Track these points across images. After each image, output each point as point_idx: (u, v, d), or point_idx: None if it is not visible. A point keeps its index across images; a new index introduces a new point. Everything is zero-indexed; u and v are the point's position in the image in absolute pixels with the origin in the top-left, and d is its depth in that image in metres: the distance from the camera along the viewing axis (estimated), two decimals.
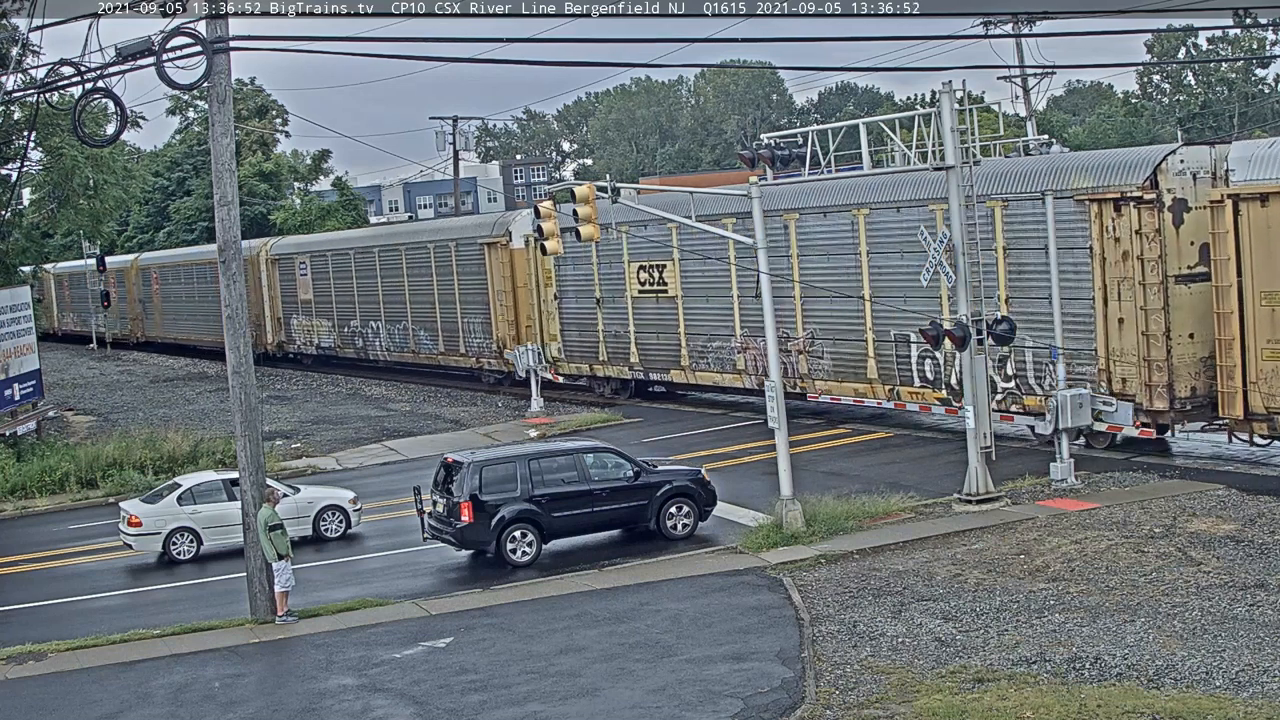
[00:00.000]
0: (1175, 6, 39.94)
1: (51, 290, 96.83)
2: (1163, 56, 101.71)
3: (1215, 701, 15.61)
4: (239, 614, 23.38)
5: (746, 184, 26.79)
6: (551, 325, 46.66)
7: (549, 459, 26.18)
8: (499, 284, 48.40)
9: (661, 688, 17.81)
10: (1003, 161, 33.79)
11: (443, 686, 18.68)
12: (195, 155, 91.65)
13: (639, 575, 23.78)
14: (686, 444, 35.92)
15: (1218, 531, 22.75)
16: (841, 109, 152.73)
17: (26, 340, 42.22)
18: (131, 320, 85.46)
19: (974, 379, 26.46)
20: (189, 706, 18.90)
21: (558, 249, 28.03)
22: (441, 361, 53.37)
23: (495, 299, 48.72)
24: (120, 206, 53.40)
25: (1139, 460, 28.98)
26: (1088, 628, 18.70)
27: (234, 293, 23.14)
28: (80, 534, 31.99)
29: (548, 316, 46.70)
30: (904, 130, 27.60)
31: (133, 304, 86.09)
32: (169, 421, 46.04)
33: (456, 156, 79.53)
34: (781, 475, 25.60)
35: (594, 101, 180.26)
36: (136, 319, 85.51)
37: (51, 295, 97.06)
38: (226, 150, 22.78)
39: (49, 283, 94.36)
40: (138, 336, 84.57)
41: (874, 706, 16.53)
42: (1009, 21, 53.68)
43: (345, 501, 29.44)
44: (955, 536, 24.19)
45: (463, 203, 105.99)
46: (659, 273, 42.03)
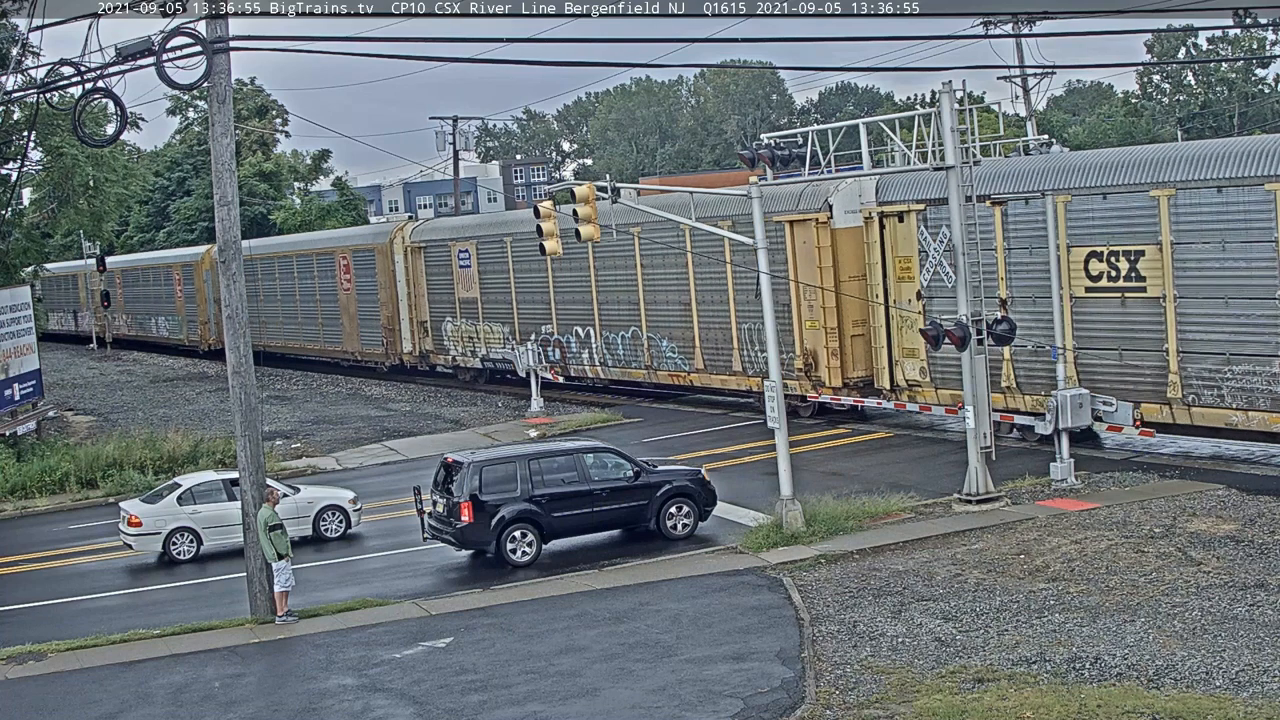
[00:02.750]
0: (1175, 6, 39.94)
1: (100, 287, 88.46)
2: (1163, 56, 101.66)
3: (1215, 701, 15.61)
4: (239, 614, 23.38)
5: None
6: (910, 336, 33.80)
7: (549, 459, 26.18)
8: (810, 275, 35.81)
9: (661, 688, 17.81)
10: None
11: (443, 686, 18.68)
12: (195, 155, 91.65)
13: (639, 575, 23.78)
14: (686, 444, 35.92)
15: (1218, 531, 22.75)
16: (841, 109, 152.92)
17: (26, 340, 42.23)
18: (201, 325, 72.72)
19: (974, 379, 26.46)
20: (189, 706, 18.90)
21: (557, 249, 28.01)
22: (697, 382, 41.18)
23: (800, 296, 36.56)
24: (121, 206, 53.36)
25: (1138, 460, 28.99)
26: (1088, 628, 18.70)
27: (234, 293, 23.14)
28: (80, 534, 31.99)
29: (903, 323, 33.98)
30: (904, 130, 27.60)
31: (204, 305, 72.50)
32: (169, 421, 46.06)
33: (456, 156, 79.51)
34: (781, 475, 25.59)
35: (594, 101, 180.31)
36: (208, 323, 71.97)
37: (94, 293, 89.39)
38: (226, 150, 22.79)
39: (98, 278, 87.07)
40: (209, 343, 71.64)
41: (874, 706, 16.53)
42: (1009, 21, 53.68)
43: (345, 501, 29.45)
44: (955, 536, 24.19)
45: (462, 203, 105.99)
46: (1131, 262, 28.89)
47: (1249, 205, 26.71)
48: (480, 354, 50.39)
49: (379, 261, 55.63)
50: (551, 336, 46.71)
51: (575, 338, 45.76)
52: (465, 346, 51.41)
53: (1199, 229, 27.55)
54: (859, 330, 35.71)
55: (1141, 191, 28.40)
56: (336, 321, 60.01)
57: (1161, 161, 28.62)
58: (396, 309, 54.95)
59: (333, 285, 60.06)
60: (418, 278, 53.82)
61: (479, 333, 50.74)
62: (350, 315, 58.69)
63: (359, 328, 58.14)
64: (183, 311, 76.73)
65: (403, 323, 54.87)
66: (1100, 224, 29.36)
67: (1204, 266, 27.60)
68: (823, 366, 35.93)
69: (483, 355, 50.23)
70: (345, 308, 58.99)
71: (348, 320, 58.97)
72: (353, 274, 58.01)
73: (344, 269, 58.81)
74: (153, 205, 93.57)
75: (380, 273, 55.55)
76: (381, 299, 55.66)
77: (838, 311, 35.70)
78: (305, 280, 62.80)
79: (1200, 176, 27.51)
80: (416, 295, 53.88)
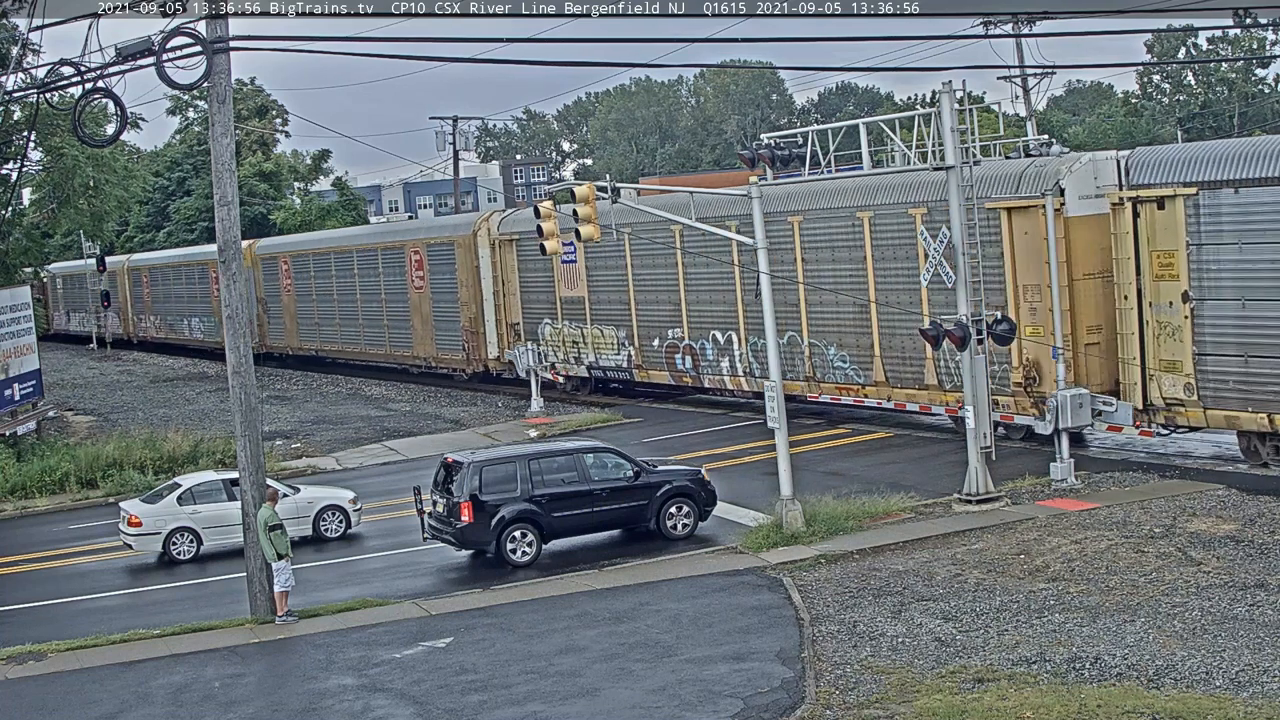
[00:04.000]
0: (1175, 6, 39.93)
1: (127, 287, 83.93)
2: (1163, 56, 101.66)
3: (1215, 701, 15.61)
4: (239, 614, 23.38)
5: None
6: (1170, 346, 27.87)
7: (549, 459, 26.18)
8: (1033, 271, 30.01)
9: (661, 688, 17.81)
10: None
11: (443, 686, 18.68)
12: (195, 155, 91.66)
13: (639, 575, 23.77)
14: (686, 444, 35.91)
15: (1218, 531, 22.75)
16: (841, 109, 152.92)
17: (26, 340, 42.24)
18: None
19: (974, 379, 26.46)
20: (189, 706, 18.90)
21: (557, 249, 28.01)
22: (873, 398, 34.69)
23: (1020, 298, 30.47)
24: (121, 206, 53.31)
25: (1138, 460, 28.99)
26: (1088, 628, 18.70)
27: (234, 293, 23.17)
28: (80, 534, 31.98)
29: (1161, 331, 28.04)
30: (904, 130, 27.60)
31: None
32: (169, 421, 46.05)
33: (456, 156, 79.52)
34: (781, 475, 25.59)
35: (594, 101, 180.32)
36: (249, 324, 72.99)
37: (126, 293, 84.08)
38: (226, 150, 22.79)
39: (123, 276, 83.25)
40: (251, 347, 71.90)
41: (874, 706, 16.53)
42: (1009, 21, 53.69)
43: (345, 501, 29.44)
44: (955, 536, 24.19)
45: (462, 203, 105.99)
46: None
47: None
48: (587, 361, 44.53)
49: (460, 256, 49.40)
50: (681, 341, 40.59)
51: (713, 343, 39.22)
52: (568, 352, 45.48)
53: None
54: (1093, 338, 29.78)
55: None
56: (405, 324, 54.06)
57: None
58: (480, 310, 48.87)
59: (401, 283, 53.97)
60: (508, 274, 47.88)
61: (586, 337, 44.50)
62: (423, 317, 52.67)
63: (434, 331, 52.08)
64: (220, 313, 74.40)
65: (488, 325, 48.76)
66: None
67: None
68: (1048, 380, 29.56)
69: (590, 362, 44.40)
70: (417, 308, 53.01)
71: (420, 322, 52.95)
72: (426, 271, 51.81)
73: (415, 265, 52.67)
74: (153, 205, 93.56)
75: (461, 269, 49.65)
76: (462, 299, 49.76)
77: (1071, 316, 29.57)
78: (368, 278, 56.56)
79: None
80: (506, 294, 47.96)
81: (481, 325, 48.84)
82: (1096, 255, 29.49)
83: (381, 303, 55.71)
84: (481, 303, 48.79)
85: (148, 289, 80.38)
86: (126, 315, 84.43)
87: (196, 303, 73.94)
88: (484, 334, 48.80)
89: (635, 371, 42.88)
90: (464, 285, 49.57)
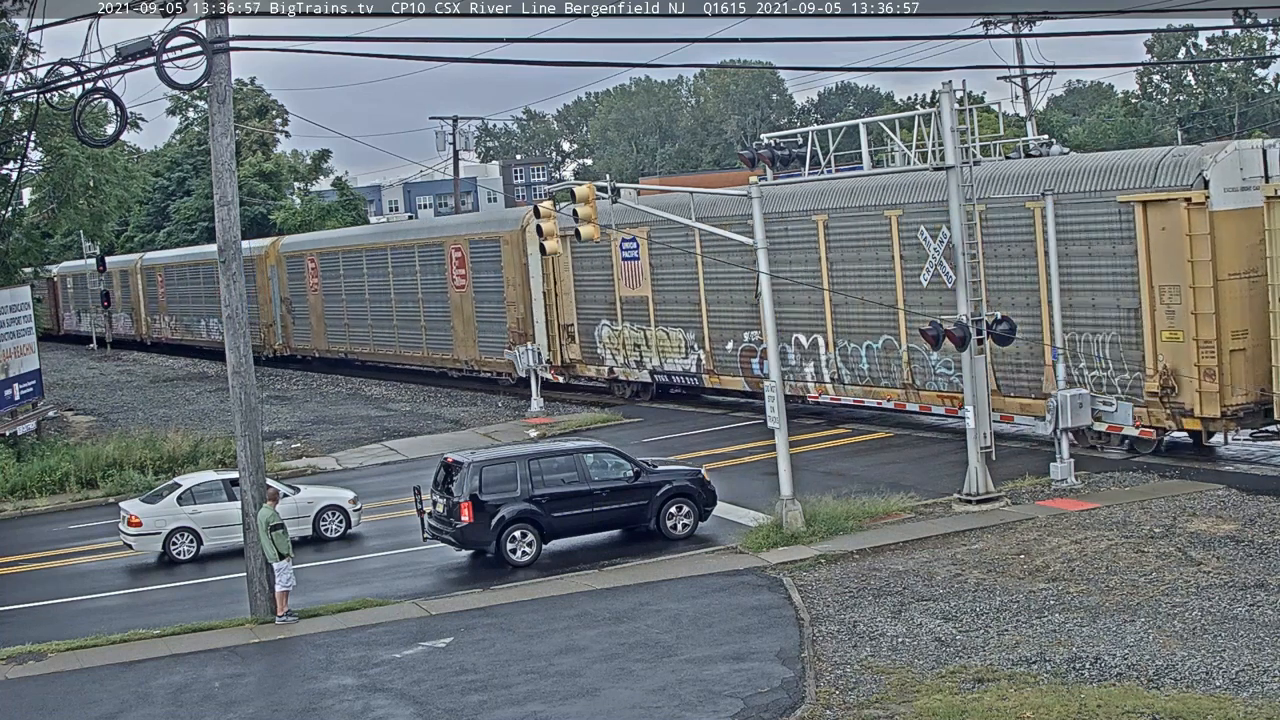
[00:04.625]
0: (1175, 6, 39.91)
1: (140, 286, 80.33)
2: (1163, 56, 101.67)
3: (1215, 701, 15.61)
4: (239, 614, 23.38)
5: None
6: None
7: (549, 459, 26.18)
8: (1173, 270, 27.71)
9: (661, 688, 17.81)
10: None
11: (443, 686, 18.68)
12: (195, 155, 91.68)
13: (639, 575, 23.77)
14: (686, 444, 35.91)
15: (1218, 531, 22.75)
16: (841, 109, 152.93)
17: (26, 340, 42.24)
18: (264, 328, 64.02)
19: (974, 379, 26.45)
20: (189, 706, 18.90)
21: (558, 249, 28.01)
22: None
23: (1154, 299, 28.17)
24: (121, 206, 53.28)
25: (1138, 460, 28.99)
26: (1088, 628, 18.70)
27: (234, 292, 23.16)
28: (80, 534, 31.98)
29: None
30: (904, 130, 27.60)
31: (267, 306, 64.03)
32: (169, 421, 46.06)
33: (456, 156, 79.55)
34: (781, 475, 25.59)
35: (594, 101, 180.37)
36: (272, 325, 64.41)
37: (139, 292, 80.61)
38: (226, 150, 22.79)
39: (136, 275, 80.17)
40: (273, 349, 64.11)
41: (874, 706, 16.53)
42: (1009, 21, 53.68)
43: (345, 501, 29.45)
44: (955, 536, 24.19)
45: (462, 203, 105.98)
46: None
47: None
48: (650, 365, 41.70)
49: (506, 254, 46.39)
50: (759, 345, 37.28)
51: (796, 347, 36.24)
52: (628, 356, 42.76)
53: None
54: (1239, 344, 27.36)
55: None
56: (445, 325, 51.36)
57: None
58: (528, 310, 46.14)
59: (441, 282, 51.17)
60: (560, 272, 45.08)
61: (649, 339, 41.47)
62: (464, 318, 49.98)
63: (476, 333, 49.38)
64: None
65: (537, 327, 45.99)
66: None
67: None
68: (1189, 390, 27.35)
69: (653, 367, 41.54)
70: (457, 309, 50.32)
71: (461, 324, 50.22)
72: (469, 269, 49.03)
73: (457, 263, 49.93)
74: (153, 205, 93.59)
75: (508, 267, 46.91)
76: (509, 298, 47.14)
77: (1216, 319, 27.12)
78: (404, 276, 53.72)
79: None
80: (559, 294, 45.19)
81: (530, 327, 46.22)
82: (1243, 253, 27.12)
83: (418, 303, 53.07)
84: (530, 303, 46.17)
85: (162, 289, 77.75)
86: (139, 316, 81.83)
87: (215, 303, 71.70)
88: (533, 336, 46.08)
89: (705, 377, 40.04)
90: (511, 284, 47.13)
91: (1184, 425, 28.06)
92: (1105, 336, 29.08)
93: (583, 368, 45.27)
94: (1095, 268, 29.09)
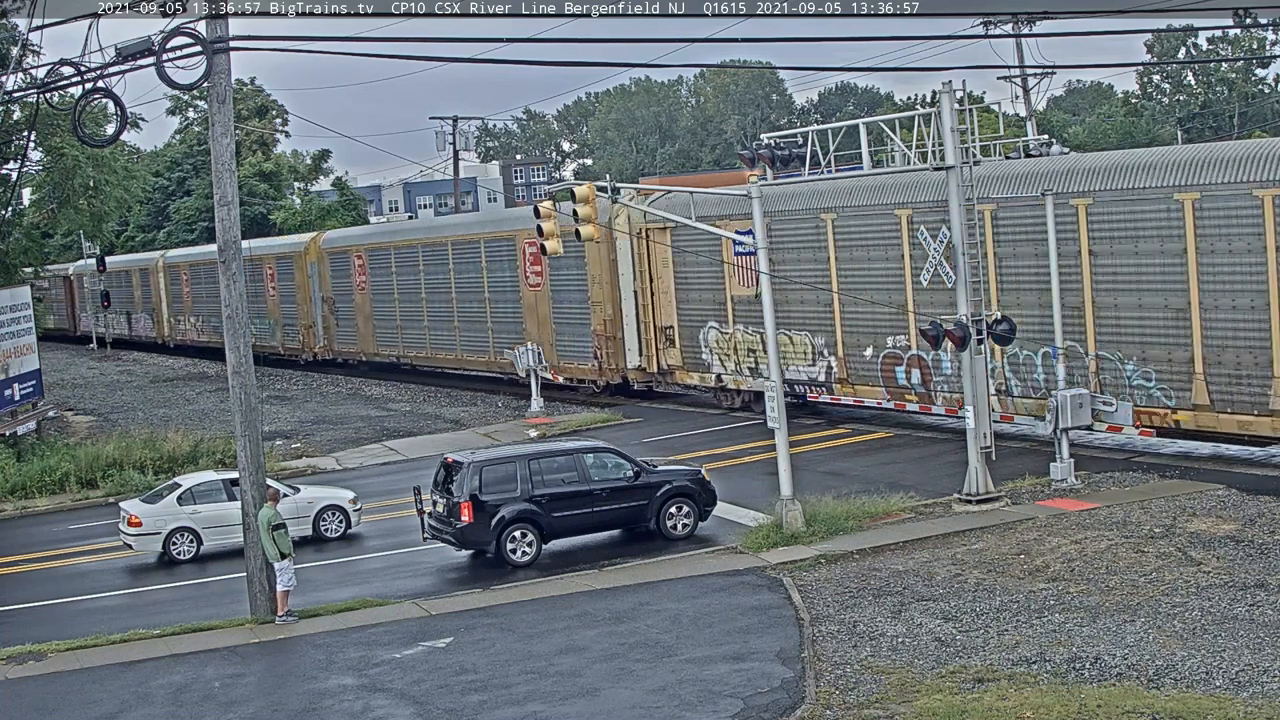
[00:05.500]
0: (1175, 6, 39.94)
1: (162, 285, 75.98)
2: (1163, 56, 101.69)
3: (1215, 701, 15.61)
4: (239, 614, 23.38)
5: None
6: None
7: (549, 459, 26.18)
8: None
9: (661, 688, 17.81)
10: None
11: (443, 686, 18.68)
12: (195, 155, 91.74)
13: (639, 575, 23.77)
14: (686, 444, 35.90)
15: (1218, 531, 22.75)
16: (841, 109, 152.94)
17: (26, 340, 42.25)
18: (304, 329, 60.24)
19: (974, 379, 26.45)
20: (189, 706, 18.90)
21: (558, 249, 28.02)
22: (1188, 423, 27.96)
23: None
24: (121, 206, 53.29)
25: (1138, 460, 29.00)
26: (1088, 628, 18.70)
27: (234, 292, 23.18)
28: (80, 534, 31.99)
29: None
30: (904, 130, 27.60)
31: (307, 306, 59.86)
32: (169, 421, 46.07)
33: (456, 156, 79.58)
34: (781, 475, 25.59)
35: (594, 101, 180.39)
36: (312, 326, 60.17)
37: (161, 292, 76.22)
38: (226, 150, 22.80)
39: (158, 274, 76.15)
40: (314, 351, 59.96)
41: (874, 706, 16.53)
42: (1009, 21, 53.71)
43: (345, 501, 29.45)
44: (955, 536, 24.19)
45: (463, 203, 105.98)
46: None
47: None
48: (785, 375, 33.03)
49: (591, 248, 40.97)
50: (907, 351, 33.44)
51: (950, 353, 31.42)
52: (740, 362, 38.83)
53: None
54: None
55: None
56: (516, 327, 47.43)
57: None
58: (618, 311, 42.03)
59: (511, 280, 47.29)
60: (658, 269, 40.92)
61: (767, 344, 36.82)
62: (540, 320, 46.01)
63: (554, 336, 45.49)
64: (277, 313, 63.17)
65: (626, 329, 41.99)
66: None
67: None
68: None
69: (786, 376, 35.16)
70: (531, 309, 46.35)
71: (535, 326, 46.26)
72: (545, 265, 44.88)
73: (531, 259, 45.87)
74: (153, 205, 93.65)
75: (593, 263, 43.04)
76: (594, 298, 43.12)
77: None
78: (467, 274, 49.62)
79: None
80: (658, 292, 41.01)
81: (619, 329, 42.00)
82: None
83: (485, 303, 48.98)
84: (619, 303, 42.15)
85: (187, 288, 73.41)
86: (161, 317, 77.52)
87: (250, 302, 70.00)
88: (621, 339, 41.90)
89: (837, 386, 35.60)
90: (597, 282, 43.11)
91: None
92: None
93: (683, 375, 40.99)
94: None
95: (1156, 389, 28.39)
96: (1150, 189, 27.67)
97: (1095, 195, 28.86)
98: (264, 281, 63.61)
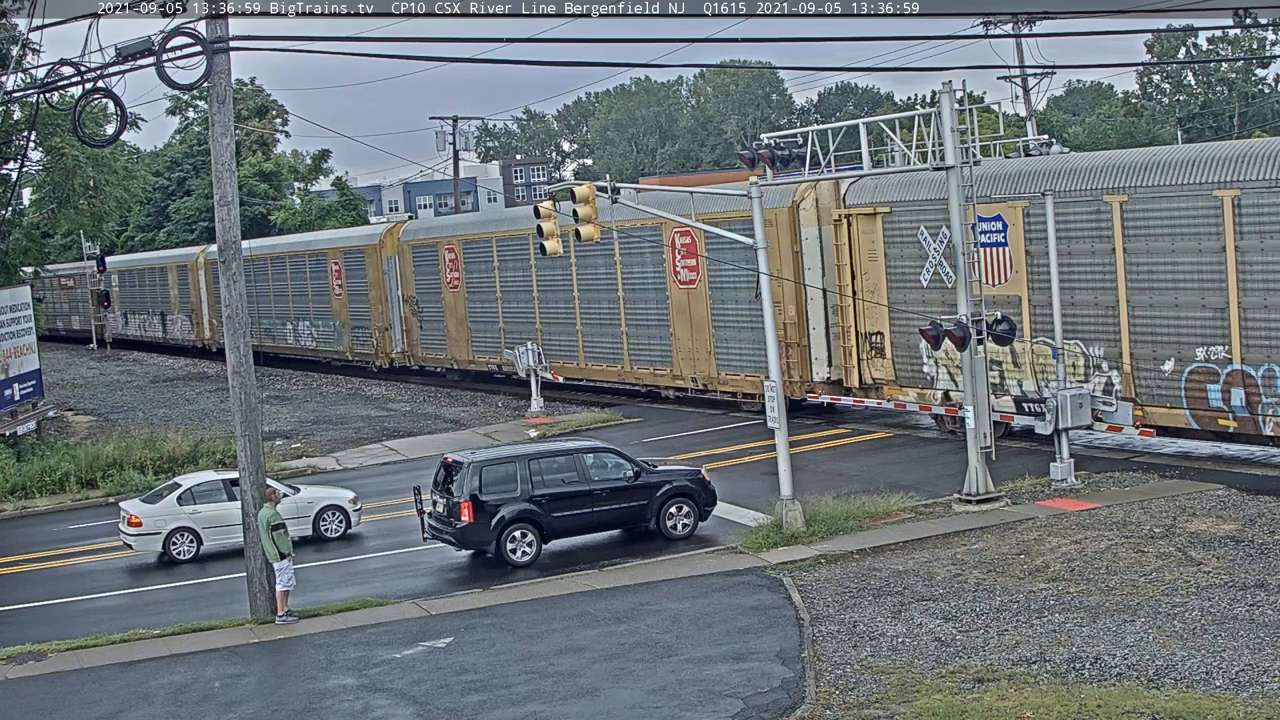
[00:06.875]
0: (1175, 6, 39.95)
1: (202, 284, 69.52)
2: (1163, 56, 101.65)
3: (1215, 701, 15.61)
4: (239, 614, 23.38)
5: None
6: None
7: (549, 459, 26.18)
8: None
9: (661, 688, 17.81)
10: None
11: (443, 686, 18.68)
12: (195, 155, 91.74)
13: (639, 575, 23.77)
14: (686, 444, 35.90)
15: (1218, 531, 22.75)
16: (841, 109, 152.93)
17: (26, 340, 42.26)
18: (379, 333, 54.64)
19: (974, 379, 26.44)
20: (189, 706, 18.90)
21: (557, 249, 28.01)
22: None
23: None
24: (121, 207, 53.30)
25: (1138, 460, 28.99)
26: (1088, 628, 18.70)
27: (234, 293, 23.17)
28: (80, 534, 31.99)
29: None
30: (904, 130, 27.60)
31: (382, 306, 54.06)
32: (169, 421, 46.07)
33: (456, 156, 79.57)
34: (781, 475, 25.59)
35: (594, 101, 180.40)
36: (388, 329, 54.11)
37: (201, 290, 69.84)
38: (226, 150, 22.80)
39: (196, 271, 70.13)
40: (389, 357, 54.58)
41: (874, 706, 16.53)
42: (1009, 21, 53.69)
43: (345, 501, 29.45)
44: (955, 536, 24.19)
45: (463, 203, 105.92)
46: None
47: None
48: (1017, 390, 30.18)
49: (772, 236, 31.66)
50: (1225, 365, 26.58)
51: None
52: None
53: None
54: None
55: None
56: (660, 332, 40.87)
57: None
58: (803, 313, 35.74)
59: (656, 277, 40.62)
60: (863, 263, 33.99)
61: (1019, 355, 30.12)
62: (692, 323, 39.33)
63: (711, 342, 38.83)
64: (344, 314, 56.82)
65: (813, 335, 35.57)
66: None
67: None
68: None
69: (1023, 393, 29.91)
70: (681, 311, 39.70)
71: (686, 331, 39.61)
72: (700, 259, 38.34)
73: (683, 252, 39.22)
74: (153, 205, 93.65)
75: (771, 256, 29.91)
76: (786, 297, 35.59)
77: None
78: (593, 271, 42.80)
79: None
80: (865, 289, 33.97)
81: (804, 335, 35.65)
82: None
83: (617, 303, 42.15)
84: (804, 303, 35.58)
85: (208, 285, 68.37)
86: (200, 319, 71.28)
87: (306, 302, 60.30)
88: (808, 347, 35.61)
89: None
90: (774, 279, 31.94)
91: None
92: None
93: (895, 390, 33.87)
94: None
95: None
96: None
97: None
98: (328, 278, 57.68)
